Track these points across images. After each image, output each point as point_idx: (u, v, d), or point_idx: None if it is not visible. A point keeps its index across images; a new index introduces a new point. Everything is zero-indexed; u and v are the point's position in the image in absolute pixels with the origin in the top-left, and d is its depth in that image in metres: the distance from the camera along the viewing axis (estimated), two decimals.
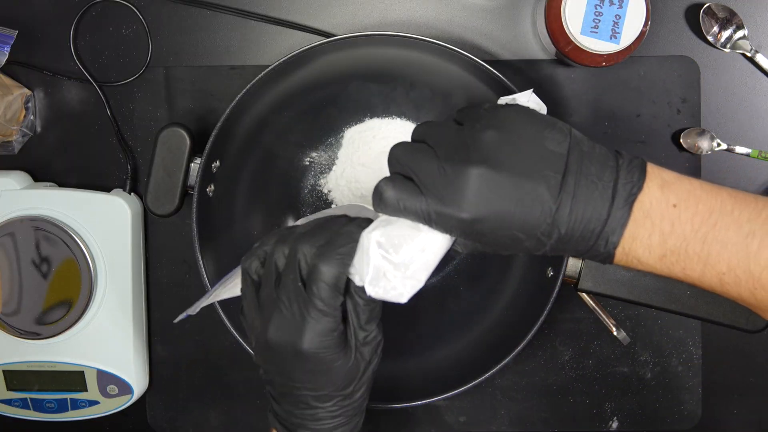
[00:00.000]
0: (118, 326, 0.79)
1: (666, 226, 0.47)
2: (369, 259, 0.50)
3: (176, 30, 0.80)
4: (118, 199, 0.77)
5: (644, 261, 0.48)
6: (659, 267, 0.48)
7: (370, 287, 0.50)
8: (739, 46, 0.77)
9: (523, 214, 0.47)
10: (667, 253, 0.48)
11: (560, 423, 0.82)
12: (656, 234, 0.47)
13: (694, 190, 0.48)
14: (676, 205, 0.47)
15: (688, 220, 0.47)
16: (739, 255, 0.47)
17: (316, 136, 0.77)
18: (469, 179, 0.46)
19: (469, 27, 0.79)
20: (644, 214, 0.47)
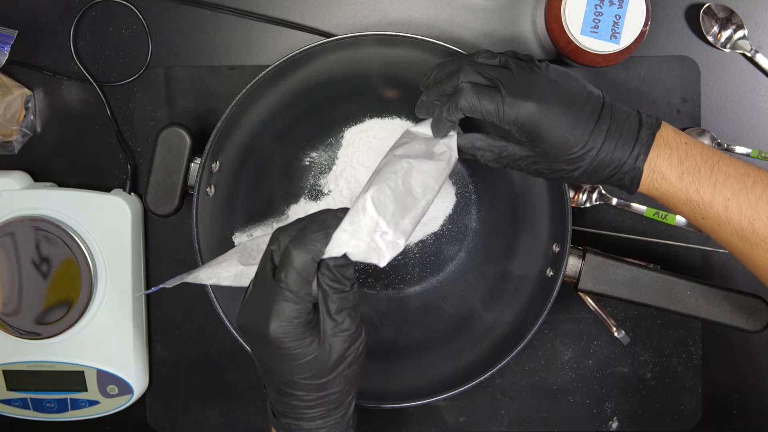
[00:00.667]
0: (118, 326, 0.79)
1: (681, 153, 0.58)
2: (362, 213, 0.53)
3: (176, 30, 0.80)
4: (118, 199, 0.77)
5: (667, 176, 0.58)
6: (678, 186, 0.58)
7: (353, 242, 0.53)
8: (739, 46, 0.77)
9: (571, 117, 0.57)
10: (685, 172, 0.58)
11: (560, 423, 0.82)
12: (675, 156, 0.58)
13: (698, 142, 0.60)
14: (687, 143, 0.59)
15: (697, 153, 0.58)
16: (739, 185, 0.58)
17: (316, 136, 0.77)
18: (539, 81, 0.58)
19: (469, 27, 0.79)
20: (664, 142, 0.58)
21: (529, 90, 0.58)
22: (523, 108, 0.57)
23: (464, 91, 0.59)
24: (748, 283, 0.79)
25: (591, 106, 0.58)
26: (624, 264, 0.71)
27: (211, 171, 0.74)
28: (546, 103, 0.57)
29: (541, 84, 0.58)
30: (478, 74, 0.59)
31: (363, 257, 0.53)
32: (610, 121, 0.58)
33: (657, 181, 0.59)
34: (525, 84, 0.58)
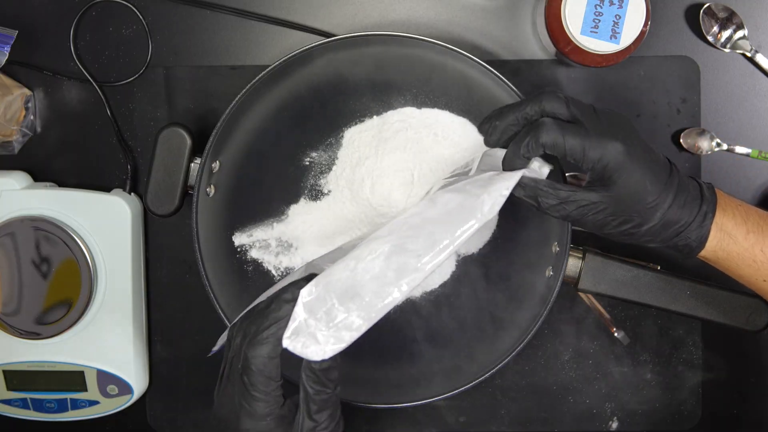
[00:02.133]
0: (118, 326, 0.79)
1: (742, 212, 0.58)
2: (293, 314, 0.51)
3: (176, 30, 0.80)
4: (118, 199, 0.77)
5: (734, 234, 0.57)
6: (745, 245, 0.57)
7: (287, 341, 0.51)
8: (739, 46, 0.77)
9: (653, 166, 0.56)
10: (750, 232, 0.57)
11: (560, 423, 0.82)
12: (738, 216, 0.58)
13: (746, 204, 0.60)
14: (740, 205, 0.59)
15: (755, 213, 0.58)
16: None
17: (316, 136, 0.77)
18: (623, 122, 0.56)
19: (469, 27, 0.79)
20: (724, 203, 0.58)
21: (615, 129, 0.55)
22: (609, 147, 0.54)
23: (546, 125, 0.55)
24: None
25: (662, 159, 0.57)
26: (624, 264, 0.71)
27: (211, 171, 0.74)
28: (632, 145, 0.55)
29: (625, 125, 0.56)
30: (561, 105, 0.56)
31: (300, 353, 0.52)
32: (679, 183, 0.57)
33: (724, 240, 0.57)
34: (609, 122, 0.56)
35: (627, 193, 0.56)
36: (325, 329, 0.52)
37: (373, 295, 0.53)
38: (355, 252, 0.54)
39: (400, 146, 0.76)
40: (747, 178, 0.79)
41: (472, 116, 0.76)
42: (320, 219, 0.78)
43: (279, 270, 0.78)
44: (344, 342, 0.52)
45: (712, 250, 0.58)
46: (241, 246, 0.77)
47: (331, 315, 0.52)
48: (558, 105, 0.56)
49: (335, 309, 0.52)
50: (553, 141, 0.55)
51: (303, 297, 0.52)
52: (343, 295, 0.52)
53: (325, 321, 0.52)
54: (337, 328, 0.52)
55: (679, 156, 0.79)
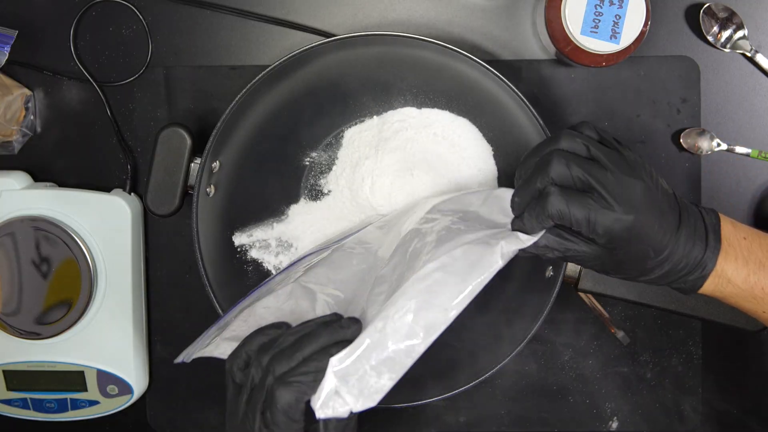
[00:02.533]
0: (118, 326, 0.79)
1: (744, 251, 0.57)
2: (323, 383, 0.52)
3: (176, 30, 0.80)
4: (118, 199, 0.77)
5: (733, 280, 0.57)
6: (744, 287, 0.57)
7: (320, 411, 0.52)
8: (739, 46, 0.77)
9: (660, 232, 0.55)
10: (750, 274, 0.57)
11: (560, 423, 0.82)
12: (740, 258, 0.57)
13: (754, 230, 0.58)
14: (746, 238, 0.57)
15: (757, 249, 0.57)
16: None
17: (316, 136, 0.77)
18: (637, 189, 0.54)
19: (469, 27, 0.79)
20: (728, 243, 0.57)
21: (626, 199, 0.54)
22: (616, 223, 0.53)
23: (551, 196, 0.54)
24: None
25: (673, 210, 0.56)
26: None
27: (211, 171, 0.74)
28: (642, 215, 0.54)
29: (638, 192, 0.54)
30: (567, 171, 0.54)
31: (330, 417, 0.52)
32: (687, 227, 0.56)
33: (722, 285, 0.57)
34: (621, 191, 0.54)
35: (631, 256, 0.56)
36: (357, 394, 0.53)
37: (403, 355, 0.54)
38: (383, 312, 0.55)
39: (400, 146, 0.76)
40: (747, 178, 0.79)
41: (472, 116, 0.76)
42: (320, 219, 0.78)
43: (279, 270, 0.78)
44: (374, 402, 0.53)
45: (709, 292, 0.58)
46: (241, 246, 0.77)
47: (364, 381, 0.53)
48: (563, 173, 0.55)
49: (367, 375, 0.53)
50: (559, 213, 0.54)
51: (333, 366, 0.52)
52: (376, 360, 0.53)
53: (358, 388, 0.53)
54: (370, 393, 0.53)
55: (679, 156, 0.79)
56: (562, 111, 0.79)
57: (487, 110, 0.75)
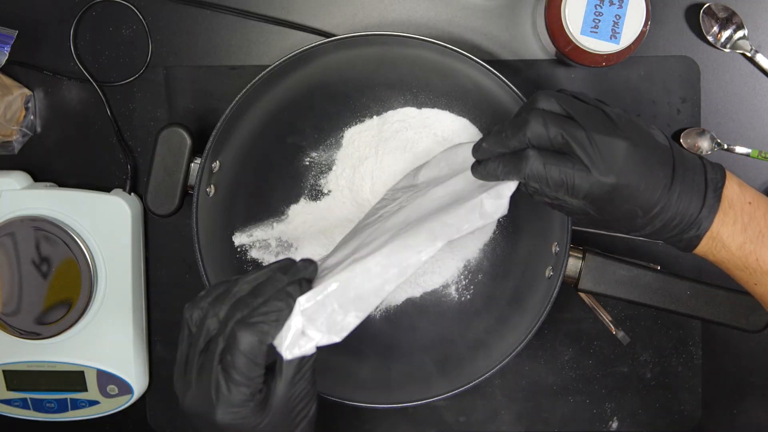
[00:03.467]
0: (118, 326, 0.79)
1: (745, 217, 0.55)
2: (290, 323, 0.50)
3: (176, 30, 0.80)
4: (118, 199, 0.77)
5: (728, 245, 0.55)
6: (738, 255, 0.55)
7: (287, 352, 0.50)
8: (739, 46, 0.77)
9: (647, 191, 0.53)
10: (746, 242, 0.54)
11: (560, 423, 0.82)
12: (738, 222, 0.54)
13: (761, 195, 0.56)
14: (751, 202, 0.55)
15: (762, 216, 0.55)
16: None
17: (316, 136, 0.78)
18: (617, 149, 0.52)
19: (469, 27, 0.79)
20: (729, 204, 0.55)
21: (606, 160, 0.52)
22: (598, 185, 0.52)
23: (529, 158, 0.53)
24: None
25: (665, 166, 0.54)
26: (624, 264, 0.71)
27: (211, 171, 0.74)
28: (625, 176, 0.52)
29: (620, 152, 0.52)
30: (545, 133, 0.53)
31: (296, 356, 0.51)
32: (681, 182, 0.54)
33: (716, 248, 0.55)
34: (601, 151, 0.52)
35: (619, 216, 0.55)
36: (325, 332, 0.52)
37: (372, 295, 0.53)
38: (357, 254, 0.54)
39: (400, 146, 0.76)
40: (747, 178, 0.79)
41: (471, 116, 0.76)
42: (320, 219, 0.78)
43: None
44: (339, 338, 0.53)
45: (702, 254, 0.56)
46: (241, 246, 0.77)
47: (331, 320, 0.52)
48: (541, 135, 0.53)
49: (335, 313, 0.52)
50: (536, 174, 0.53)
51: (301, 304, 0.51)
52: (344, 298, 0.52)
53: (326, 326, 0.52)
54: (336, 330, 0.52)
55: None
56: None
57: (487, 110, 0.75)
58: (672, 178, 0.54)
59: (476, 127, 0.76)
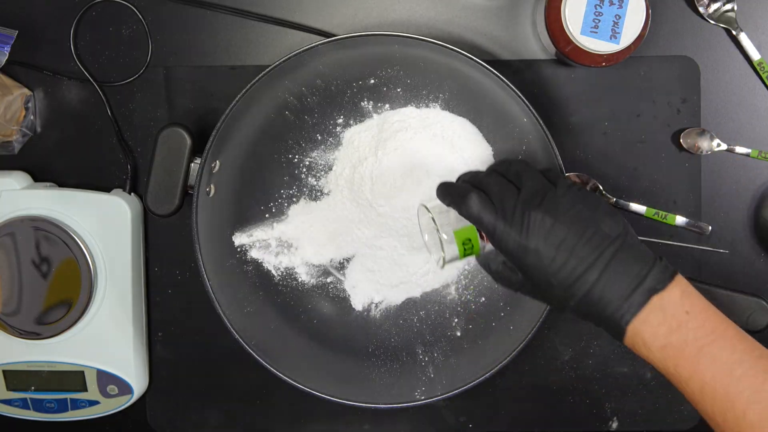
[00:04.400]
0: (118, 326, 0.79)
1: (674, 324, 0.55)
2: None
3: (176, 30, 0.80)
4: (118, 199, 0.77)
5: (648, 344, 0.56)
6: (658, 356, 0.56)
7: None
8: (725, 20, 0.77)
9: (558, 263, 0.57)
10: (668, 346, 0.55)
11: (560, 423, 0.82)
12: (664, 326, 0.55)
13: (707, 310, 0.57)
14: (688, 312, 0.56)
15: (693, 328, 0.55)
16: (723, 373, 0.54)
17: (316, 136, 0.78)
18: (533, 219, 0.58)
19: (469, 27, 0.79)
20: (660, 307, 0.56)
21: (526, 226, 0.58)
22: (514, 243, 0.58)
23: (471, 198, 0.60)
24: (748, 283, 0.79)
25: (593, 250, 0.57)
26: None
27: (211, 171, 0.74)
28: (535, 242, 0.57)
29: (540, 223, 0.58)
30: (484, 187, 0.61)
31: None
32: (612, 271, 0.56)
33: (637, 345, 0.57)
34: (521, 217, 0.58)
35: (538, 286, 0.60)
36: None
37: None
38: None
39: (399, 146, 0.76)
40: (747, 178, 0.79)
41: (471, 116, 0.76)
42: (320, 219, 0.78)
43: (279, 270, 0.78)
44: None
45: (629, 345, 0.58)
46: (241, 246, 0.77)
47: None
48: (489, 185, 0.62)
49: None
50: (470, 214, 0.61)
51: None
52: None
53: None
54: None
55: (679, 156, 0.79)
56: (562, 111, 0.79)
57: (487, 110, 0.75)
58: (596, 259, 0.56)
59: (476, 127, 0.76)
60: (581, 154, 0.79)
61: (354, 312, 0.79)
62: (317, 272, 0.79)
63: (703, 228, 0.79)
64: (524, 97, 0.71)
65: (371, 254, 0.77)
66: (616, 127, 0.79)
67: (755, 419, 0.53)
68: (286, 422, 0.83)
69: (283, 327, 0.78)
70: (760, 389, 0.53)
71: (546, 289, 0.59)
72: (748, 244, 0.80)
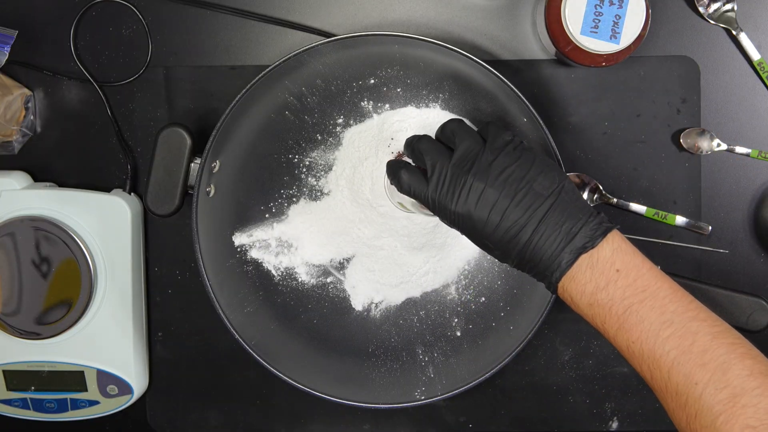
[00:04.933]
0: (118, 326, 0.79)
1: (602, 282, 0.56)
2: None
3: (176, 30, 0.80)
4: (118, 199, 0.77)
5: (576, 301, 0.58)
6: (586, 312, 0.58)
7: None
8: (725, 20, 0.77)
9: (491, 227, 0.59)
10: (594, 304, 0.56)
11: (560, 423, 0.82)
12: (591, 284, 0.56)
13: (640, 267, 0.57)
14: (619, 270, 0.56)
15: (621, 287, 0.56)
16: (650, 334, 0.54)
17: (316, 136, 0.78)
18: (464, 185, 0.59)
19: (469, 27, 0.79)
20: (589, 264, 0.56)
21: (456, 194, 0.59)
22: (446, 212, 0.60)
23: (401, 175, 0.63)
24: (748, 283, 0.79)
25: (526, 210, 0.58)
26: None
27: (211, 171, 0.74)
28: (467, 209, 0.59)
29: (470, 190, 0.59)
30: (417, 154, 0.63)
31: None
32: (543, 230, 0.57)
33: (567, 300, 0.59)
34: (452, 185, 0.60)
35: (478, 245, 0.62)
36: None
37: None
38: None
39: (400, 146, 0.76)
40: (747, 178, 0.79)
41: (471, 116, 0.76)
42: (320, 219, 0.78)
43: (279, 270, 0.78)
44: None
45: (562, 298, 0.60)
46: (241, 246, 0.77)
47: None
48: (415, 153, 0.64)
49: None
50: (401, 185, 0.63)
51: None
52: None
53: None
54: None
55: (679, 156, 0.79)
56: (562, 111, 0.79)
57: (487, 110, 0.75)
58: (527, 221, 0.57)
59: (475, 127, 0.76)
60: (581, 154, 0.79)
61: (354, 312, 0.79)
62: (317, 272, 0.79)
63: (703, 228, 0.79)
64: (524, 97, 0.71)
65: (371, 254, 0.77)
66: (616, 127, 0.79)
67: (681, 380, 0.53)
68: (286, 422, 0.83)
69: (283, 327, 0.78)
70: (687, 350, 0.53)
71: (485, 248, 0.61)
72: (748, 244, 0.80)
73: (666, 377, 0.54)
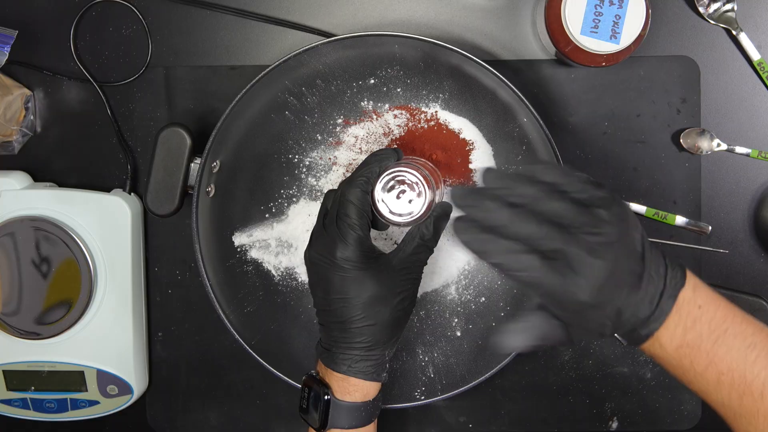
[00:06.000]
0: (118, 326, 0.79)
1: (689, 322, 0.54)
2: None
3: (176, 30, 0.80)
4: (118, 199, 0.77)
5: (665, 346, 0.55)
6: (674, 356, 0.55)
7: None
8: (726, 20, 0.77)
9: (620, 303, 0.52)
10: (684, 345, 0.54)
11: (560, 423, 0.82)
12: (680, 326, 0.54)
13: (716, 299, 0.55)
14: (701, 306, 0.54)
15: (707, 322, 0.54)
16: (739, 360, 0.53)
17: (316, 136, 0.78)
18: (594, 269, 0.50)
19: (469, 27, 0.79)
20: (676, 308, 0.54)
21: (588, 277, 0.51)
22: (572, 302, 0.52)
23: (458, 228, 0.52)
24: (748, 283, 0.79)
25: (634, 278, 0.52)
26: None
27: (211, 171, 0.74)
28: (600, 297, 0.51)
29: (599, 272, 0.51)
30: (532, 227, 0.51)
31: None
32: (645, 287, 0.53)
33: (653, 347, 0.55)
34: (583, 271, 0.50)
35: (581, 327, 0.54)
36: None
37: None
38: None
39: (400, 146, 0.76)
40: (747, 178, 0.79)
41: (471, 116, 0.76)
42: None
43: (279, 270, 0.78)
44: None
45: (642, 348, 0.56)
46: (241, 246, 0.77)
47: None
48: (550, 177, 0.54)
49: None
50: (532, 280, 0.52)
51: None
52: None
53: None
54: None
55: (679, 156, 0.79)
56: (562, 111, 0.79)
57: (487, 110, 0.75)
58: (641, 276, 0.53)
59: (476, 127, 0.76)
60: (581, 154, 0.79)
61: None
62: None
63: (703, 228, 0.79)
64: (524, 97, 0.71)
65: None
66: (616, 127, 0.79)
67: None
68: (286, 422, 0.83)
69: (283, 327, 0.78)
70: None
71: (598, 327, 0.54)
72: (748, 244, 0.80)
73: (758, 398, 0.53)
